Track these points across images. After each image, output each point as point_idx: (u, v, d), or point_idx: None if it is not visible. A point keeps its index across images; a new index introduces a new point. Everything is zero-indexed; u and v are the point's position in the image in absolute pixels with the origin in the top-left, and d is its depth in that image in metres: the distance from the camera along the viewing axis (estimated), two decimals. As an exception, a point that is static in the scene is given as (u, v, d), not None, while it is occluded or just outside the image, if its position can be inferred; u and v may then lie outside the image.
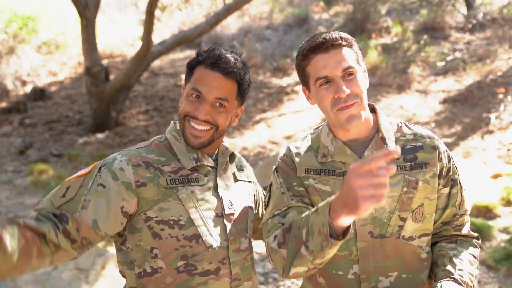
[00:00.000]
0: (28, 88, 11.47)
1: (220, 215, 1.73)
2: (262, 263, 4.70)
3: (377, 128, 1.77)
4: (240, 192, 1.85)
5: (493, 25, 11.08)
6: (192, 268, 1.67)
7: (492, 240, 4.84)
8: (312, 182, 1.74)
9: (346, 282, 1.73)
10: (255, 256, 4.78)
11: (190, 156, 1.75)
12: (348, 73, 1.66)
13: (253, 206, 1.93)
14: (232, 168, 1.88)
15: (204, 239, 1.67)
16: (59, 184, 1.70)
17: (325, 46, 1.65)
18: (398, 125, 1.80)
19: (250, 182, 1.95)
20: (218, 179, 1.78)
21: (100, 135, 9.58)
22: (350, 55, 1.67)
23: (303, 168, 1.76)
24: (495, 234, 4.91)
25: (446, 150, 1.79)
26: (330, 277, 1.76)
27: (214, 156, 1.83)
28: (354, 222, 1.67)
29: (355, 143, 1.75)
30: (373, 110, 1.81)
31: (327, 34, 1.67)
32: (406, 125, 1.81)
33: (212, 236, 1.69)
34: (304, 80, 1.75)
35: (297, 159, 1.78)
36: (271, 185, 1.81)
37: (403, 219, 1.70)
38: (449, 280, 1.65)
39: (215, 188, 1.76)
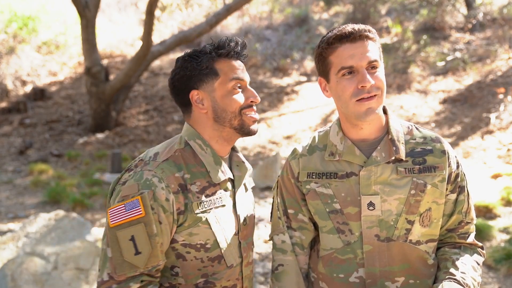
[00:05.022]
0: (28, 88, 11.48)
1: (237, 233, 1.76)
2: (262, 263, 4.70)
3: (387, 130, 1.75)
4: (250, 202, 1.87)
5: (493, 25, 11.07)
6: (210, 286, 1.70)
7: (492, 240, 4.84)
8: (313, 186, 1.75)
9: (348, 286, 1.72)
10: (255, 256, 4.78)
11: (218, 169, 1.72)
12: (372, 66, 1.65)
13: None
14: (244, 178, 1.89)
15: (226, 259, 1.72)
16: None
17: (353, 36, 1.63)
18: (408, 128, 1.78)
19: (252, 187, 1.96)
20: (236, 195, 1.77)
21: (100, 135, 9.59)
22: (375, 49, 1.67)
23: (305, 172, 1.77)
24: (495, 234, 4.90)
25: (456, 156, 1.77)
26: (331, 281, 1.75)
27: (228, 164, 1.81)
28: (360, 224, 1.69)
29: (364, 144, 1.73)
30: (384, 111, 1.79)
31: (355, 25, 1.66)
32: (417, 128, 1.79)
33: (232, 255, 1.74)
34: (324, 70, 1.71)
35: (301, 162, 1.79)
36: (274, 196, 1.88)
37: (411, 222, 1.68)
38: (450, 281, 1.63)
39: (234, 206, 1.76)
